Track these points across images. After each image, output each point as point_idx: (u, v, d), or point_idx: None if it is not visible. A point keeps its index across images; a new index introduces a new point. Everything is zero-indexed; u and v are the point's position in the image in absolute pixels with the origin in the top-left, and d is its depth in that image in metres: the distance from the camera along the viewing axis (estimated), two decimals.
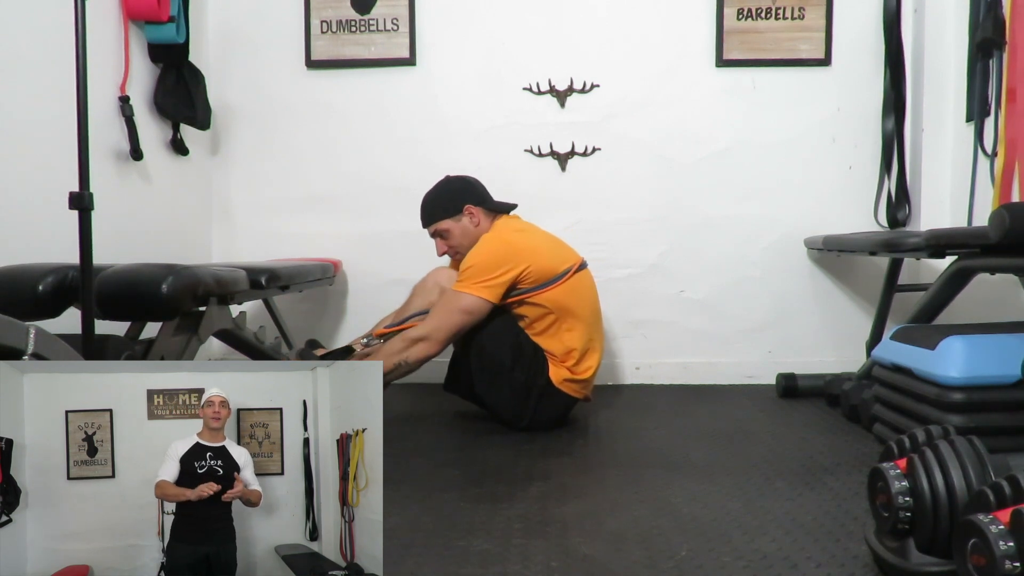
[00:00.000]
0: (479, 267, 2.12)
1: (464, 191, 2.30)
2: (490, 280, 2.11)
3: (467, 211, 2.27)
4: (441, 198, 2.32)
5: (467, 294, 2.11)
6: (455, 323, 2.12)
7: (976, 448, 1.14)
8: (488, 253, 2.15)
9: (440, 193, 2.33)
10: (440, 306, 2.16)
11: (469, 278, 2.12)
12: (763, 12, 2.88)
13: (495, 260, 2.13)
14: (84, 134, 1.40)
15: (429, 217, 2.33)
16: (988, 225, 1.70)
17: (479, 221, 2.28)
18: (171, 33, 2.56)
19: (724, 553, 1.32)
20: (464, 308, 2.11)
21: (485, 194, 2.34)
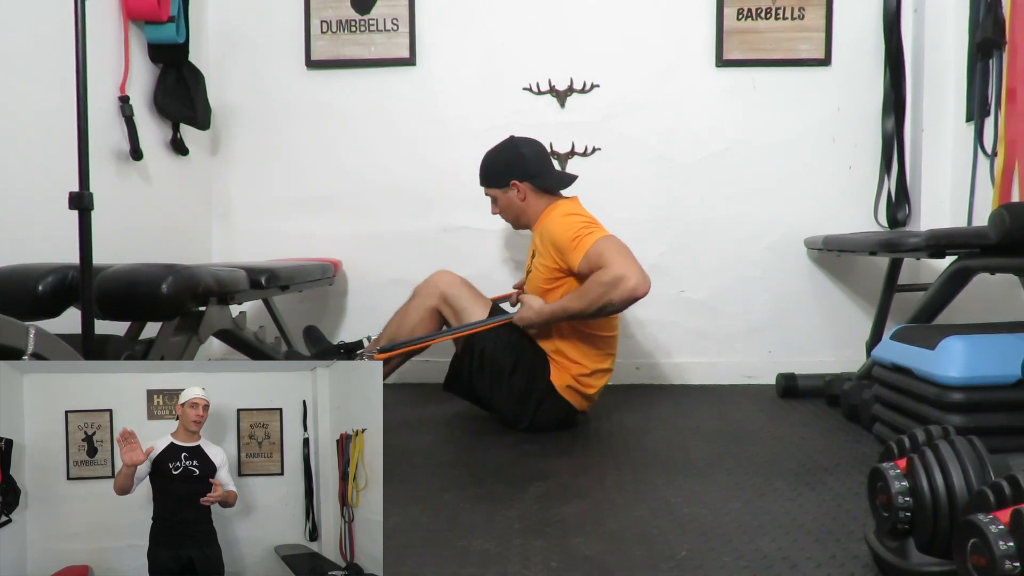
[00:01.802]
0: (588, 222, 2.11)
1: (514, 165, 2.26)
2: (599, 227, 2.11)
3: (512, 185, 2.25)
4: (492, 166, 2.31)
5: (607, 237, 2.05)
6: (632, 257, 2.02)
7: (976, 448, 1.14)
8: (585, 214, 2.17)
9: (493, 161, 2.31)
10: (610, 253, 2.00)
11: (589, 230, 2.07)
12: (763, 12, 2.88)
13: (592, 218, 2.16)
14: (84, 134, 1.40)
15: (483, 179, 2.34)
16: (988, 225, 1.70)
17: (525, 196, 2.26)
18: (171, 33, 2.56)
19: (724, 553, 1.32)
20: (620, 245, 2.04)
21: (539, 169, 2.28)
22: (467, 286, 2.33)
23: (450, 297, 2.28)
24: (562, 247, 2.10)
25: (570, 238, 2.08)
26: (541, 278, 2.20)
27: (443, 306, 2.29)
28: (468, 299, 2.28)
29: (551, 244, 2.14)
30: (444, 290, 2.29)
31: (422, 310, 2.30)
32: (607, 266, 1.99)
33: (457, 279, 2.32)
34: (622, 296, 1.97)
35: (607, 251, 2.01)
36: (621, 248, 2.04)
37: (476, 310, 2.26)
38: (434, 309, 2.30)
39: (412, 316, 2.31)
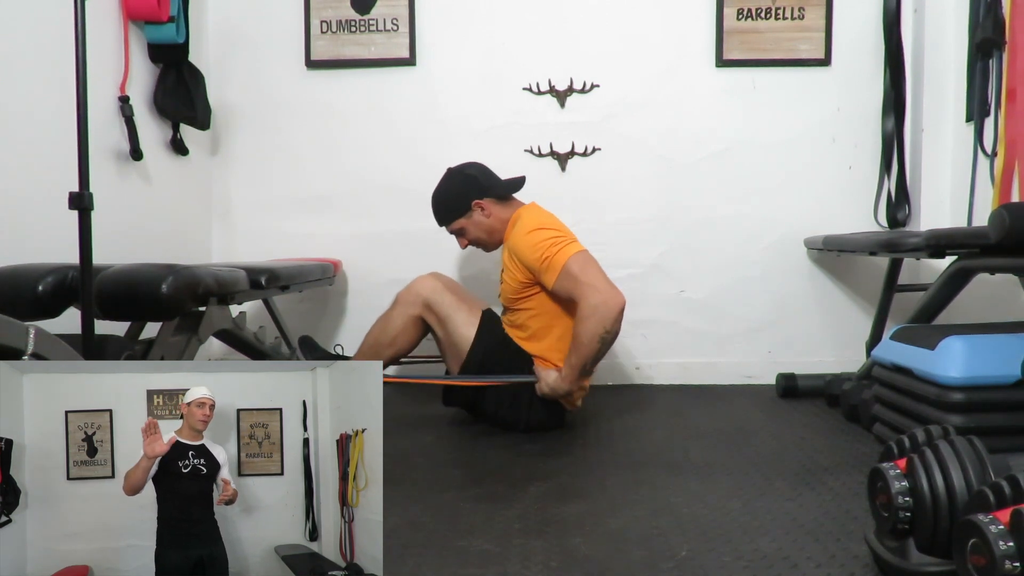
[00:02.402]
0: (554, 236, 2.07)
1: (468, 187, 2.24)
2: (568, 237, 2.09)
3: (475, 206, 2.23)
4: (447, 199, 2.27)
5: (574, 254, 2.03)
6: (599, 272, 2.02)
7: (976, 448, 1.14)
8: (550, 223, 2.13)
9: (445, 194, 2.28)
10: (580, 276, 2.00)
11: (557, 245, 2.04)
12: (763, 12, 2.88)
13: (557, 225, 2.13)
14: (84, 134, 1.40)
15: (442, 219, 2.30)
16: (988, 225, 1.70)
17: (490, 212, 2.24)
18: (171, 33, 2.56)
19: (724, 553, 1.32)
20: (585, 260, 2.03)
21: (489, 182, 2.27)
22: (452, 291, 2.27)
23: (434, 304, 2.23)
24: (533, 268, 2.08)
25: (539, 258, 2.05)
26: (512, 290, 2.18)
27: (427, 314, 2.24)
28: (453, 306, 2.23)
29: (521, 262, 2.12)
30: (427, 297, 2.23)
31: (404, 318, 2.25)
32: (582, 299, 1.99)
33: (440, 284, 2.26)
34: (610, 320, 1.97)
35: (577, 276, 2.00)
36: (587, 266, 2.02)
37: (463, 319, 2.21)
38: (417, 318, 2.25)
39: (395, 324, 2.27)
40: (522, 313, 2.20)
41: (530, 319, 2.19)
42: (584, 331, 1.99)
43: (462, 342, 2.20)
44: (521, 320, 2.21)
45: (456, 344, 2.22)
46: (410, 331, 2.27)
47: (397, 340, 2.27)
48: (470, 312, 2.23)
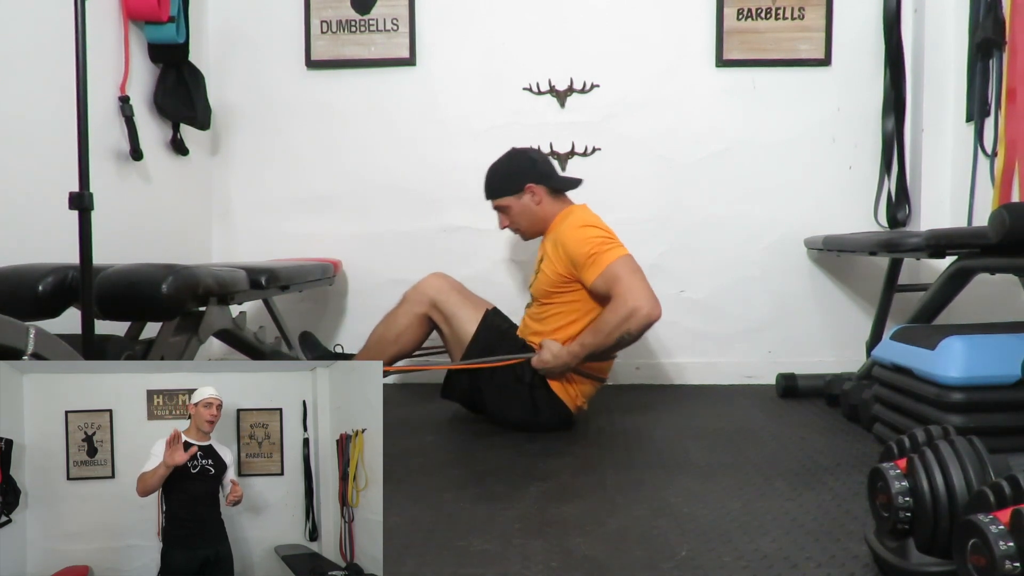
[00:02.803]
0: (606, 236, 2.08)
1: (527, 169, 2.24)
2: (617, 240, 2.08)
3: (528, 189, 2.22)
4: (504, 174, 2.26)
5: (623, 256, 2.04)
6: (644, 280, 2.02)
7: (976, 448, 1.14)
8: (602, 226, 2.13)
9: (503, 168, 2.27)
10: (625, 278, 2.00)
11: (607, 245, 2.06)
12: (763, 12, 2.88)
13: (609, 229, 2.13)
14: (84, 134, 1.40)
15: (491, 191, 2.28)
16: (988, 225, 1.70)
17: (540, 200, 2.23)
18: (171, 33, 2.56)
19: (724, 553, 1.32)
20: (634, 266, 2.04)
21: (549, 171, 2.28)
22: (458, 291, 2.30)
23: (440, 303, 2.26)
24: (577, 261, 2.08)
25: (587, 253, 2.05)
26: (548, 282, 2.17)
27: (433, 312, 2.27)
28: (458, 305, 2.25)
29: (565, 254, 2.11)
30: (433, 296, 2.26)
31: (410, 316, 2.28)
32: (620, 296, 1.99)
33: (447, 284, 2.29)
34: (639, 326, 1.98)
35: (622, 276, 2.00)
36: (635, 271, 2.02)
37: (467, 316, 2.23)
38: (423, 316, 2.28)
39: (400, 322, 2.29)
40: (552, 307, 2.18)
41: (559, 314, 2.17)
42: (610, 321, 2.00)
43: (465, 338, 2.22)
44: (548, 314, 2.19)
45: (460, 340, 2.24)
46: (415, 329, 2.29)
47: (402, 337, 2.29)
48: (474, 310, 2.26)
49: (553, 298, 2.18)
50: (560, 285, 2.15)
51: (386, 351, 2.30)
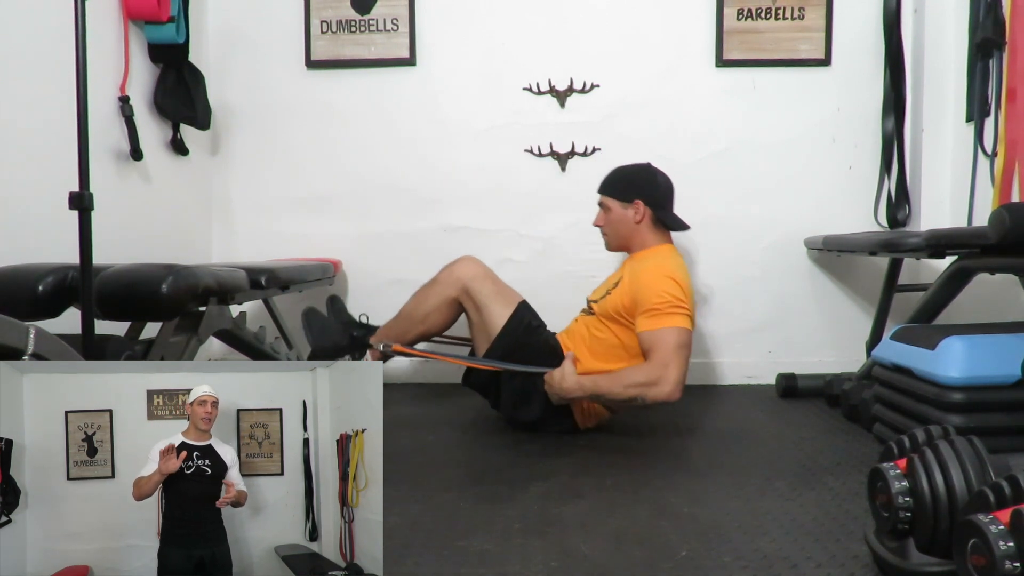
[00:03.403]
0: (680, 298, 2.01)
1: (645, 185, 2.21)
2: (690, 310, 2.02)
3: (635, 204, 2.19)
4: (623, 177, 2.25)
5: (681, 329, 1.98)
6: (684, 362, 1.98)
7: (976, 448, 1.14)
8: (684, 283, 2.06)
9: (627, 173, 2.26)
10: (669, 350, 1.96)
11: (675, 309, 1.99)
12: (763, 12, 2.88)
13: (688, 290, 2.06)
14: (84, 134, 1.40)
15: (605, 186, 2.27)
16: (988, 225, 1.70)
17: (641, 220, 2.19)
18: (171, 33, 2.55)
19: (724, 553, 1.32)
20: (684, 343, 1.98)
21: (664, 201, 2.24)
22: (492, 279, 2.26)
23: (473, 291, 2.21)
24: (640, 305, 2.03)
25: (652, 304, 2.00)
26: (612, 307, 2.12)
27: (464, 298, 2.23)
28: (491, 295, 2.21)
29: (635, 291, 2.06)
30: (467, 282, 2.22)
31: (441, 298, 2.25)
32: (654, 363, 1.95)
33: (482, 271, 2.25)
34: (654, 398, 1.95)
35: (667, 346, 1.96)
36: (681, 348, 1.97)
37: (498, 307, 2.20)
38: (454, 300, 2.24)
39: (430, 303, 2.26)
40: (606, 330, 2.15)
41: (607, 340, 2.14)
42: (632, 378, 1.97)
43: (493, 329, 2.19)
44: (602, 335, 2.16)
45: (488, 330, 2.21)
46: (444, 312, 2.26)
47: (429, 318, 2.26)
48: (506, 302, 2.22)
49: (609, 324, 2.15)
50: (619, 316, 2.12)
51: (411, 330, 2.27)
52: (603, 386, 2.01)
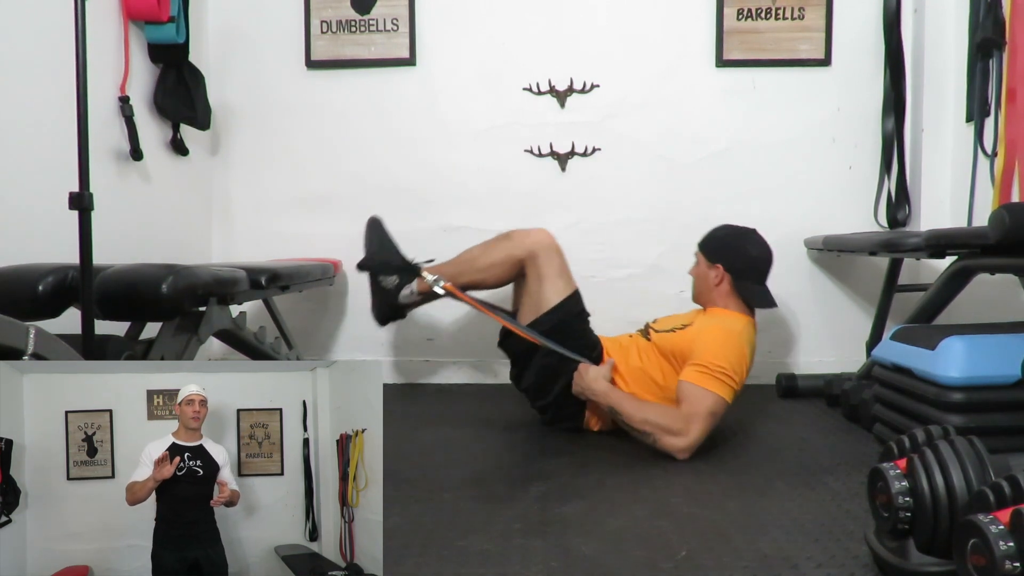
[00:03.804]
0: (734, 370, 1.98)
1: (735, 254, 2.20)
2: (732, 378, 1.97)
3: (716, 267, 2.19)
4: (719, 238, 2.26)
5: (720, 398, 1.94)
6: (708, 428, 1.93)
7: (976, 448, 1.14)
8: (742, 357, 2.04)
9: (724, 235, 2.26)
10: (695, 410, 1.92)
11: (724, 377, 1.96)
12: (763, 12, 2.88)
13: (744, 365, 2.04)
14: (84, 134, 1.40)
15: (704, 240, 2.29)
16: (988, 225, 1.70)
17: (719, 283, 2.19)
18: (171, 33, 2.55)
19: (724, 553, 1.32)
20: (717, 412, 1.94)
21: (750, 273, 2.19)
22: (561, 258, 2.24)
23: (541, 260, 2.20)
24: (695, 356, 2.01)
25: (703, 362, 1.97)
26: (670, 345, 2.13)
27: (530, 264, 2.22)
28: (556, 271, 2.20)
29: (694, 342, 2.06)
30: (537, 250, 2.21)
31: (504, 255, 2.24)
32: (681, 415, 1.93)
33: (553, 245, 2.24)
34: (664, 445, 1.92)
35: (698, 407, 1.93)
36: (711, 415, 1.94)
37: (557, 285, 2.19)
38: (519, 261, 2.23)
39: (495, 256, 2.25)
40: (650, 359, 2.16)
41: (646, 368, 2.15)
42: (655, 416, 1.95)
43: (545, 303, 2.19)
44: (643, 362, 2.16)
45: (539, 303, 2.20)
46: (505, 269, 2.25)
47: (490, 270, 2.25)
48: (566, 283, 2.22)
49: (658, 357, 2.16)
50: (672, 356, 2.13)
51: (466, 275, 2.27)
52: (626, 407, 2.00)
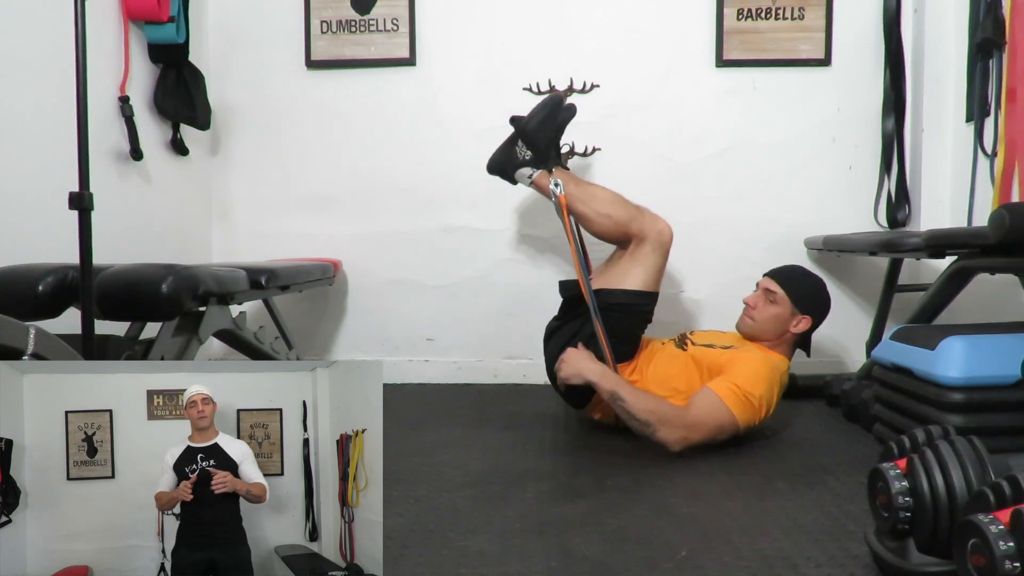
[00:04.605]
0: (759, 402, 1.97)
1: (821, 306, 2.20)
2: (755, 410, 1.97)
3: (803, 320, 2.17)
4: (811, 287, 2.21)
5: (734, 418, 1.94)
6: (709, 437, 1.94)
7: (976, 448, 1.14)
8: (772, 396, 2.02)
9: (815, 286, 2.22)
10: (704, 414, 1.94)
11: (747, 403, 1.95)
12: (763, 12, 2.88)
13: (771, 404, 2.02)
14: (84, 134, 1.40)
15: (785, 282, 2.18)
16: (988, 225, 1.70)
17: (797, 331, 2.17)
18: (171, 33, 2.56)
19: (724, 553, 1.32)
20: (724, 428, 1.94)
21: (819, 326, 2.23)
22: (664, 257, 2.20)
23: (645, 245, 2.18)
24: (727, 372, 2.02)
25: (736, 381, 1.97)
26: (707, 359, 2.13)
27: (636, 242, 2.19)
28: (650, 265, 2.18)
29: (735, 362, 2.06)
30: (650, 236, 2.17)
31: (625, 217, 2.21)
32: (687, 414, 1.94)
33: (667, 245, 2.19)
34: (661, 437, 1.93)
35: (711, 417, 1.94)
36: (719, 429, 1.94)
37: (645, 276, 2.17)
38: (631, 234, 2.20)
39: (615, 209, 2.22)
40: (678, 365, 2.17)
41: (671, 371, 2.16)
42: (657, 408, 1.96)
43: (622, 282, 2.18)
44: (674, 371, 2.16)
45: (618, 278, 2.19)
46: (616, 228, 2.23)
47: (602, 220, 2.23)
48: (653, 281, 2.20)
49: (687, 364, 2.17)
50: (704, 368, 2.13)
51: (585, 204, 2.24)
52: (627, 392, 2.00)
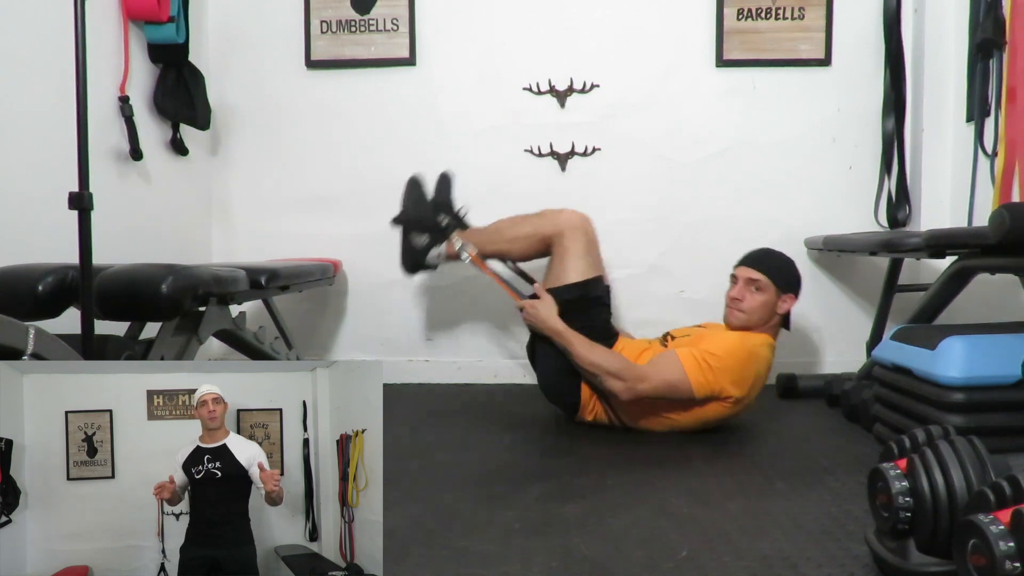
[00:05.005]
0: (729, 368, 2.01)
1: (797, 280, 2.23)
2: (713, 376, 1.99)
3: (788, 299, 2.19)
4: (788, 268, 2.22)
5: (687, 382, 1.99)
6: (656, 391, 2.01)
7: (976, 448, 1.14)
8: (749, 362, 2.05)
9: (789, 265, 2.23)
10: (657, 370, 2.02)
11: (705, 360, 2.00)
12: (763, 12, 2.88)
13: (743, 376, 2.04)
14: (84, 134, 1.40)
15: (765, 267, 2.18)
16: (988, 225, 1.70)
17: (783, 308, 2.19)
18: (171, 33, 2.55)
19: (724, 553, 1.32)
20: (673, 386, 2.00)
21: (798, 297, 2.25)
22: (589, 240, 2.27)
23: (567, 238, 2.24)
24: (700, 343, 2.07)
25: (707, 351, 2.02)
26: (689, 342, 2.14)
27: (556, 241, 2.26)
28: (580, 251, 2.23)
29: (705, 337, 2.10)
30: (566, 229, 2.25)
31: (535, 229, 2.30)
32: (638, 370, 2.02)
33: (584, 227, 2.27)
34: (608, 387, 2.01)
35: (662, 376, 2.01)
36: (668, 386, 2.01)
37: (579, 265, 2.23)
38: (546, 238, 2.28)
39: (524, 229, 2.32)
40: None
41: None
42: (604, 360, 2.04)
43: (562, 279, 2.23)
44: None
45: (556, 277, 2.25)
46: (532, 243, 2.32)
47: (516, 243, 2.33)
48: (590, 266, 2.25)
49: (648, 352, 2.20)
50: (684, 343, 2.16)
51: (494, 244, 2.36)
52: (578, 347, 2.07)
